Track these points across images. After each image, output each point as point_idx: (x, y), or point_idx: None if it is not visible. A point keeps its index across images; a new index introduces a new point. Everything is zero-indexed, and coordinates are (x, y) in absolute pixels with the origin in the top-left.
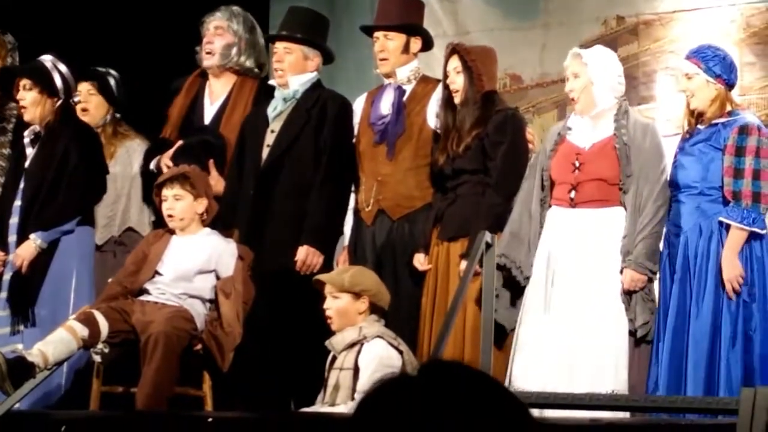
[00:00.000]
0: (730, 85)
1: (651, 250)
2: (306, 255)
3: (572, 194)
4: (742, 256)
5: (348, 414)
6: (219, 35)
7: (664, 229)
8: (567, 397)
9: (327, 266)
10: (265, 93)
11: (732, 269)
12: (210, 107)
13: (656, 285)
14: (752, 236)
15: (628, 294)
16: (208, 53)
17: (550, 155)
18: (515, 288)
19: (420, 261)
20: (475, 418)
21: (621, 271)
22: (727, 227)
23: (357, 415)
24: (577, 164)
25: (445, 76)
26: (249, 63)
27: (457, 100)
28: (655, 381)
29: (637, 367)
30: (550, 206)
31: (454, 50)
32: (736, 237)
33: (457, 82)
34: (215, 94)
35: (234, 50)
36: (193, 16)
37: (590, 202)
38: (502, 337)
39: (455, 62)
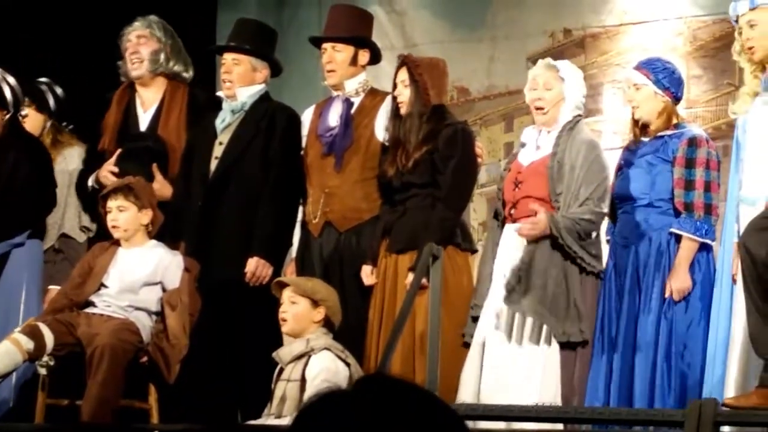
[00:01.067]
0: (677, 99)
1: (571, 226)
2: (256, 266)
3: (512, 211)
4: (690, 269)
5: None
6: (143, 44)
7: (606, 238)
8: (513, 409)
9: (275, 278)
10: (209, 103)
11: (681, 281)
12: (144, 115)
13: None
14: (700, 249)
15: (554, 304)
16: (135, 62)
17: (504, 175)
18: None
19: (367, 274)
20: None
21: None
22: (678, 239)
23: (293, 428)
24: (517, 182)
25: (394, 87)
26: (177, 67)
27: (402, 111)
28: (605, 392)
29: (569, 379)
30: (503, 225)
31: (403, 62)
32: (687, 248)
33: (404, 94)
34: (147, 101)
35: (162, 56)
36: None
37: (526, 217)
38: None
39: (403, 75)
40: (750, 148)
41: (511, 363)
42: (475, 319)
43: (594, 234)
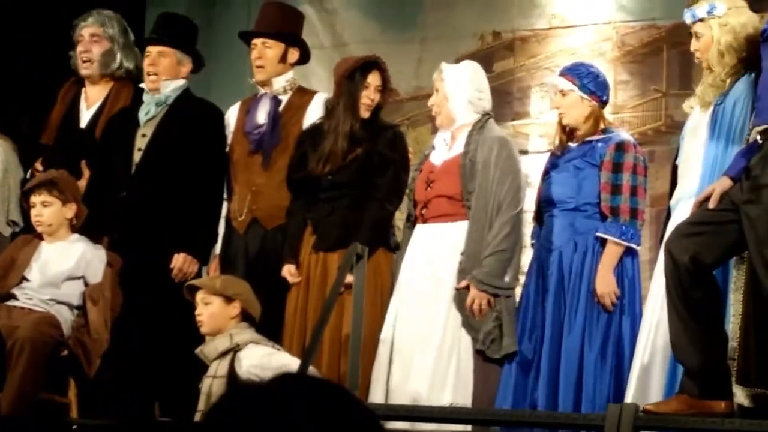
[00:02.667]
0: (603, 103)
1: (494, 267)
2: (183, 262)
3: (423, 211)
4: (615, 273)
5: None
6: (95, 42)
7: (531, 241)
8: (434, 410)
9: (200, 275)
10: (137, 96)
11: (606, 285)
12: (86, 112)
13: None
14: (625, 253)
15: (471, 310)
16: (85, 62)
17: (415, 176)
18: None
19: (291, 272)
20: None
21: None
22: (603, 243)
23: (205, 423)
24: (429, 181)
25: (358, 87)
26: (127, 64)
27: (365, 114)
28: (530, 397)
29: (483, 382)
30: (415, 225)
31: (377, 65)
32: (612, 252)
33: (376, 98)
34: (91, 99)
35: (112, 57)
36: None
37: (438, 217)
38: None
39: (378, 80)
40: (680, 155)
41: (423, 364)
42: None
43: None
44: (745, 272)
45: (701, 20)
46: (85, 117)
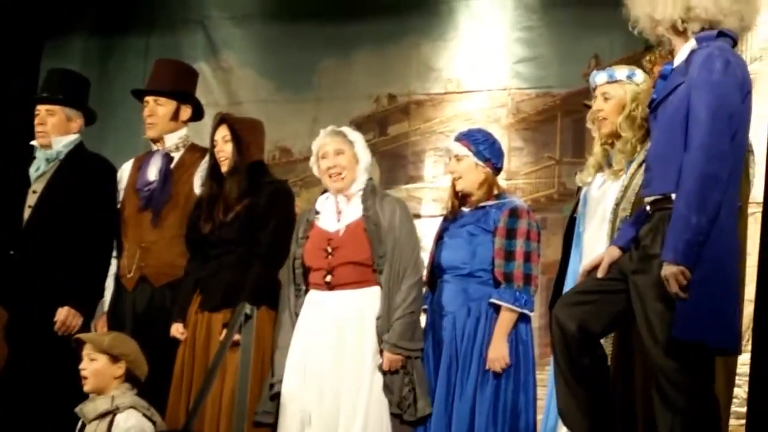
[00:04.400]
0: (497, 170)
1: (405, 329)
2: (66, 316)
3: (328, 278)
4: (509, 339)
5: None
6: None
7: (424, 307)
8: None
9: (85, 330)
10: (23, 152)
11: (498, 351)
12: None
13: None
14: (519, 319)
15: (387, 374)
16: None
17: (302, 243)
18: None
19: (179, 331)
20: None
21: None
22: (497, 309)
23: None
24: (330, 249)
25: (213, 144)
26: None
27: (224, 168)
28: None
29: None
30: (307, 291)
31: (222, 119)
32: (506, 318)
33: (226, 150)
34: None
35: None
36: None
37: (346, 284)
38: None
39: (224, 131)
40: (587, 223)
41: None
42: (273, 397)
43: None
44: (613, 342)
45: (617, 81)
46: None
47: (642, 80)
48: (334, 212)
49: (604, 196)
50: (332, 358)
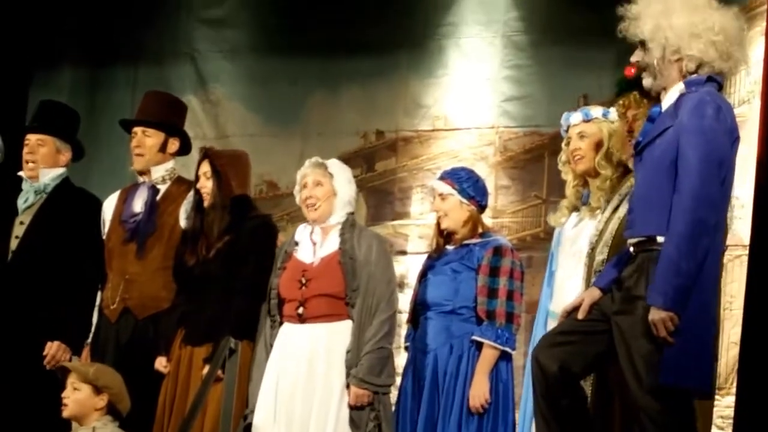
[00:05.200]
0: (482, 208)
1: (374, 365)
2: (56, 350)
3: (300, 310)
4: (490, 377)
5: None
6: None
7: (406, 344)
8: None
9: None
10: (9, 182)
11: (479, 388)
12: None
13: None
14: (500, 357)
15: (354, 408)
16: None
17: (279, 273)
18: None
19: (161, 364)
20: None
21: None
22: (479, 346)
23: None
24: (304, 281)
25: (197, 179)
26: None
27: (206, 203)
28: None
29: None
30: (281, 324)
31: (205, 155)
32: (488, 356)
33: (207, 186)
34: None
35: None
36: None
37: (319, 317)
38: None
39: (206, 167)
40: (561, 263)
41: None
42: (248, 427)
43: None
44: (592, 385)
45: (592, 120)
46: None
47: (616, 117)
48: (309, 243)
49: (579, 234)
50: (301, 390)
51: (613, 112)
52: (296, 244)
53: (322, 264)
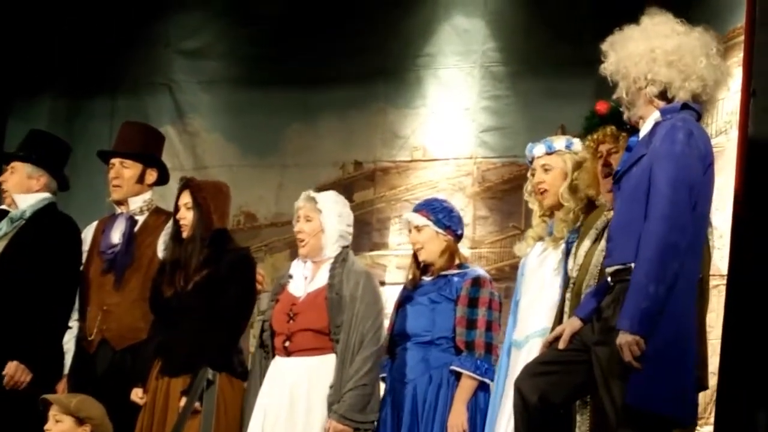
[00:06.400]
0: (458, 237)
1: (356, 402)
2: (15, 370)
3: (287, 344)
4: (468, 407)
5: None
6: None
7: (383, 375)
8: None
9: (47, 390)
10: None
11: (457, 417)
12: None
13: None
14: (479, 387)
15: None
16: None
17: (272, 305)
18: None
19: (138, 395)
20: None
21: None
22: (458, 376)
23: None
24: (292, 314)
25: (176, 210)
26: None
27: (184, 234)
28: None
29: None
30: (273, 356)
31: (186, 185)
32: (466, 386)
33: (187, 217)
34: None
35: None
36: None
37: (304, 351)
38: None
39: (186, 198)
40: (524, 291)
41: None
42: None
43: (375, 384)
44: (589, 417)
45: (556, 152)
46: None
47: (580, 149)
48: (302, 277)
49: (543, 263)
50: (285, 422)
51: (576, 144)
52: (290, 277)
53: (309, 298)
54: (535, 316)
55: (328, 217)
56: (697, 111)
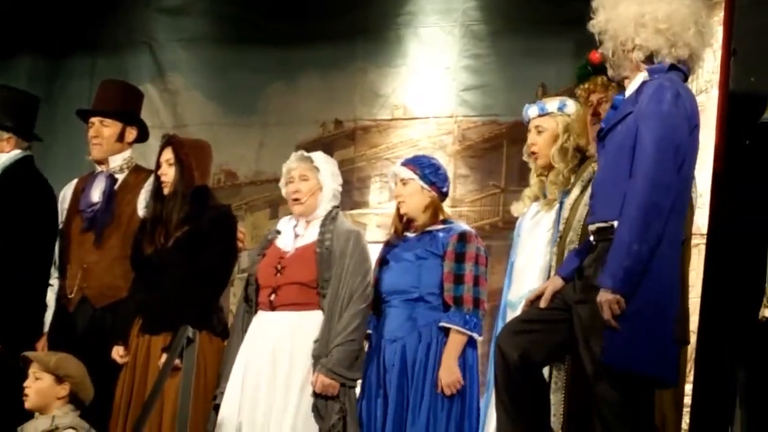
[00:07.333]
0: (443, 194)
1: (344, 357)
2: None
3: (272, 297)
4: (458, 362)
5: None
6: None
7: (368, 331)
8: None
9: (27, 347)
10: None
11: (450, 374)
12: None
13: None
14: (467, 343)
15: (319, 397)
16: None
17: (258, 260)
18: None
19: (119, 353)
20: None
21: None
22: (446, 332)
23: None
24: (279, 267)
25: (158, 166)
26: None
27: (166, 191)
28: None
29: None
30: (256, 312)
31: (168, 142)
32: (456, 341)
33: (169, 173)
34: None
35: None
36: None
37: (289, 305)
38: None
39: (168, 154)
40: (519, 252)
41: None
42: (217, 408)
43: (362, 341)
44: (566, 372)
45: (548, 114)
46: None
47: (573, 110)
48: (292, 234)
49: (537, 225)
50: (265, 379)
51: (569, 105)
52: (278, 232)
53: (298, 252)
54: (530, 277)
55: (326, 175)
56: (684, 72)
